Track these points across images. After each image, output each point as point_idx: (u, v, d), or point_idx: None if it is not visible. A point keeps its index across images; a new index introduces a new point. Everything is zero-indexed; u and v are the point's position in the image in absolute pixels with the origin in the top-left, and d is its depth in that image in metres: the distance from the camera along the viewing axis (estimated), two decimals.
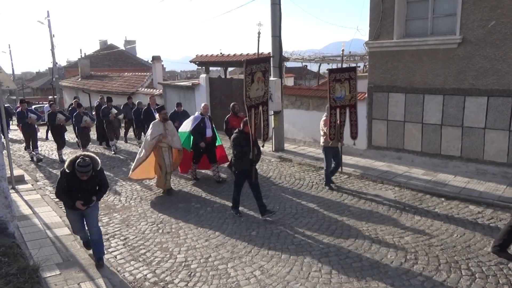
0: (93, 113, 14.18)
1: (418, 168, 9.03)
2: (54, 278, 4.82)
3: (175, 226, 6.62)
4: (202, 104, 9.01)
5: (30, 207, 7.37)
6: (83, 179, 4.88)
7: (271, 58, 10.59)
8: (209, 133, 8.72)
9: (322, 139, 8.11)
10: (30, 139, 11.37)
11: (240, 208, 7.25)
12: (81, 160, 4.79)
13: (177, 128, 9.02)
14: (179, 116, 9.94)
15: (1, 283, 2.53)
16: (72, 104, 15.56)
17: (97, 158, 5.09)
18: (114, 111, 12.48)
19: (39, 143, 12.30)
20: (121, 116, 12.97)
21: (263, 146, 7.61)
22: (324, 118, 8.10)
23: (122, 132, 14.09)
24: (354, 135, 8.46)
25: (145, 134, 12.14)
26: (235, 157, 6.83)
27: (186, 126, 8.78)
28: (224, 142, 9.91)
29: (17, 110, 11.06)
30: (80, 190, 5.00)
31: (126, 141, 14.15)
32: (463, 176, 8.33)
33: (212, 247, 5.81)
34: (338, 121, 8.03)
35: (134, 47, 39.63)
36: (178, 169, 9.04)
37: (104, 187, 5.34)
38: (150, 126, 8.13)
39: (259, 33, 14.04)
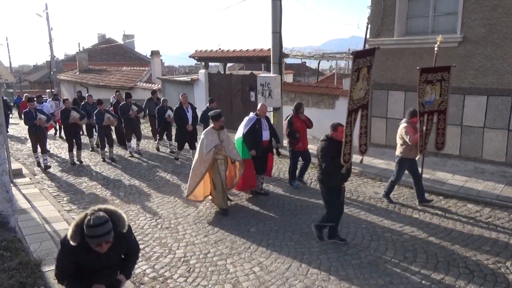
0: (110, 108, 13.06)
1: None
2: (52, 272, 4.81)
3: (174, 221, 6.62)
4: (260, 104, 7.73)
5: (29, 201, 7.36)
6: (101, 251, 2.98)
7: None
8: (266, 135, 7.43)
9: (399, 149, 7.00)
10: (38, 142, 9.95)
11: (239, 205, 7.25)
12: (93, 219, 2.88)
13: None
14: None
15: (4, 277, 2.52)
16: (75, 98, 14.73)
17: (119, 212, 3.19)
18: (135, 108, 11.17)
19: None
20: (141, 114, 11.60)
21: (361, 162, 6.53)
22: (404, 125, 6.94)
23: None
24: (440, 146, 7.29)
25: (168, 136, 11.59)
26: (322, 171, 5.47)
27: (240, 130, 7.50)
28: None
29: (25, 110, 9.81)
30: (97, 267, 3.14)
31: (156, 140, 12.27)
32: (461, 175, 8.36)
33: (211, 243, 5.81)
34: (424, 129, 6.88)
35: (133, 42, 39.42)
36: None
37: (133, 254, 3.51)
38: (202, 136, 6.87)
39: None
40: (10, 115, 17.67)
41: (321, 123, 8.40)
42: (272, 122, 11.16)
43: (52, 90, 26.43)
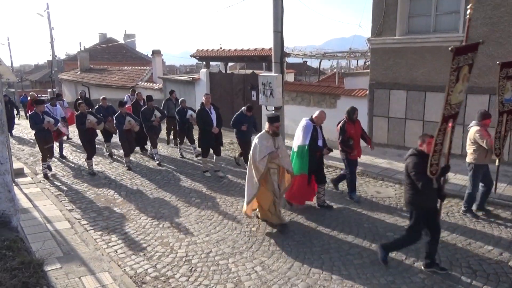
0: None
1: None
2: (55, 271, 4.83)
3: (176, 221, 6.61)
4: (318, 112, 6.82)
5: (30, 201, 7.37)
6: None
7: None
8: (320, 145, 6.81)
9: (472, 156, 6.34)
10: (48, 149, 9.06)
11: (240, 204, 7.25)
12: None
13: (244, 132, 8.61)
14: (247, 119, 8.94)
15: (6, 277, 2.52)
16: (78, 99, 13.80)
17: None
18: (158, 114, 10.13)
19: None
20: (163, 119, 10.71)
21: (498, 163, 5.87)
22: (477, 128, 6.31)
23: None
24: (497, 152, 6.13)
25: (190, 139, 10.64)
26: (415, 191, 4.73)
27: (299, 139, 6.69)
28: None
29: (30, 113, 9.02)
30: None
31: (168, 143, 12.22)
32: (463, 174, 8.31)
33: (213, 242, 5.81)
34: (503, 131, 6.04)
35: (134, 41, 39.48)
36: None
37: None
38: (255, 140, 6.09)
39: None
40: (17, 116, 17.21)
41: (323, 123, 8.36)
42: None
43: (54, 90, 26.50)
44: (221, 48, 15.49)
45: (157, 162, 9.99)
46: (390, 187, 7.98)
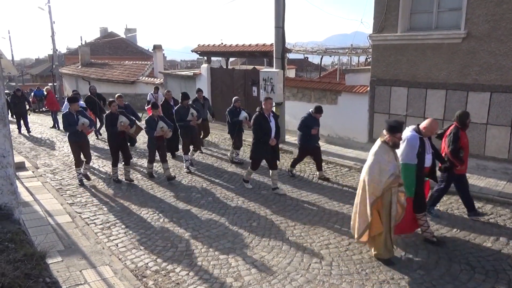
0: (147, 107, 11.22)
1: None
2: (56, 265, 4.86)
3: (176, 215, 6.64)
4: (429, 120, 5.51)
5: (31, 194, 7.40)
6: None
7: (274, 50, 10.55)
8: (429, 160, 5.44)
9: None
10: (82, 152, 8.15)
11: (241, 200, 7.28)
12: None
13: (313, 137, 7.95)
14: (317, 122, 8.25)
15: (9, 269, 2.54)
16: (89, 95, 12.18)
17: None
18: (195, 113, 8.91)
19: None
20: (199, 121, 9.34)
21: None
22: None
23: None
24: None
25: (237, 144, 9.46)
26: None
27: (401, 155, 5.23)
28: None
29: (64, 112, 8.08)
30: None
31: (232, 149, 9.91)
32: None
33: (213, 237, 5.83)
34: None
35: (135, 36, 39.39)
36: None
37: None
38: (374, 154, 4.92)
39: None
40: (29, 112, 15.73)
41: (323, 119, 8.37)
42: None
43: (55, 84, 26.49)
44: (222, 43, 15.47)
45: (186, 168, 8.95)
46: None
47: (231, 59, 20.59)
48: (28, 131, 14.19)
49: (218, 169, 9.16)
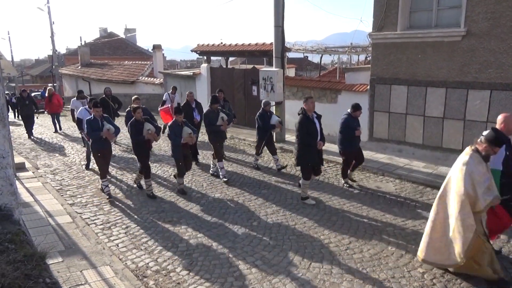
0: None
1: (419, 161, 9.04)
2: (56, 265, 4.86)
3: (177, 215, 6.64)
4: (504, 118, 4.86)
5: (32, 195, 7.40)
6: None
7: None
8: None
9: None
10: (106, 162, 7.56)
11: (241, 199, 7.28)
12: None
13: (356, 138, 7.37)
14: (357, 122, 7.63)
15: (9, 269, 2.54)
16: (104, 98, 11.13)
17: None
18: (225, 117, 8.23)
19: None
20: (230, 126, 8.84)
21: None
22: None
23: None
24: None
25: (272, 149, 8.85)
26: None
27: (491, 160, 4.53)
28: None
29: (88, 118, 7.37)
30: None
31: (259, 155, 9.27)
32: None
33: (214, 236, 5.83)
34: None
35: (134, 36, 39.37)
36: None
37: None
38: (465, 164, 4.36)
39: None
40: (36, 115, 14.65)
41: (323, 118, 8.33)
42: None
43: (54, 84, 26.49)
44: (222, 42, 15.46)
45: (224, 179, 8.20)
46: (390, 182, 7.99)
47: (230, 59, 20.57)
48: (29, 136, 13.49)
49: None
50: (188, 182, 8.31)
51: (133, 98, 9.34)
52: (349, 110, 7.52)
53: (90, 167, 9.33)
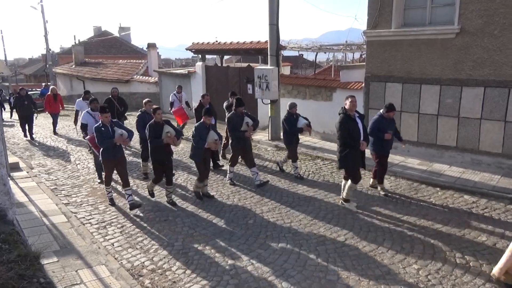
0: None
1: (414, 158, 9.08)
2: (51, 265, 4.83)
3: (172, 214, 6.63)
4: None
5: (26, 195, 7.35)
6: None
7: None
8: None
9: None
10: (117, 170, 6.92)
11: (237, 198, 7.27)
12: None
13: (388, 142, 6.83)
14: (390, 124, 7.08)
15: (3, 269, 2.53)
16: (109, 98, 10.42)
17: None
18: (250, 122, 7.60)
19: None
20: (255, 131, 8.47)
21: None
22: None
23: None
24: None
25: (293, 156, 8.28)
26: None
27: None
28: None
29: (97, 125, 6.71)
30: None
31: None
32: (458, 166, 8.40)
33: (209, 235, 5.83)
34: None
35: (129, 34, 39.20)
36: None
37: None
38: None
39: None
40: (35, 115, 13.55)
41: (318, 116, 8.35)
42: (269, 115, 11.20)
43: (48, 84, 26.31)
44: (216, 41, 15.42)
45: (229, 181, 7.98)
46: (385, 180, 7.99)
47: (225, 57, 20.52)
48: (31, 137, 12.84)
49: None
50: (183, 181, 8.29)
51: (144, 101, 8.39)
52: (381, 111, 7.01)
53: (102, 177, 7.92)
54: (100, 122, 6.68)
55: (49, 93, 13.99)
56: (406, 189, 7.48)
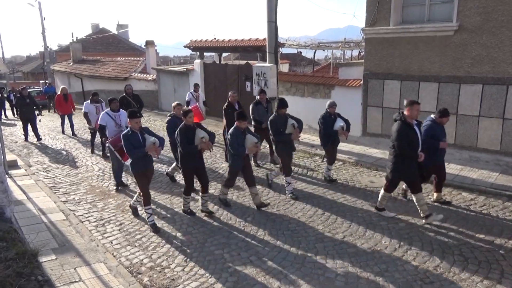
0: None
1: None
2: (50, 263, 4.83)
3: (171, 211, 6.62)
4: None
5: (24, 193, 7.34)
6: None
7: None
8: None
9: None
10: (148, 183, 6.20)
11: (235, 195, 7.27)
12: None
13: (442, 152, 6.26)
14: (442, 131, 6.40)
15: (1, 267, 2.52)
16: (123, 96, 9.97)
17: None
18: (296, 124, 6.98)
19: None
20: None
21: None
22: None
23: None
24: None
25: (330, 159, 7.75)
26: None
27: None
28: None
29: (125, 132, 5.82)
30: None
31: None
32: (456, 164, 8.41)
33: (208, 232, 5.83)
34: None
35: (127, 32, 39.12)
36: None
37: None
38: None
39: None
40: (39, 117, 12.63)
41: (317, 113, 8.31)
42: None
43: (46, 81, 26.23)
44: (215, 38, 15.38)
45: (290, 194, 7.08)
46: (383, 177, 7.99)
47: (224, 55, 20.50)
48: (38, 139, 12.05)
49: (211, 165, 9.14)
50: (181, 179, 8.26)
51: (173, 104, 7.70)
52: (432, 116, 6.36)
53: (120, 184, 7.80)
54: (129, 128, 5.78)
55: (59, 93, 13.14)
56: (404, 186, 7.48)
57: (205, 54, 16.11)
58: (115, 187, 7.73)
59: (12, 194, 6.00)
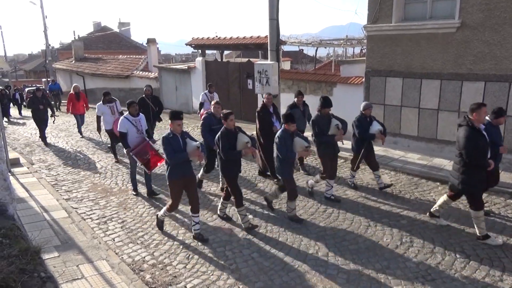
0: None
1: (414, 153, 9.08)
2: (52, 260, 4.86)
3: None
4: None
5: (27, 190, 7.37)
6: None
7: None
8: None
9: None
10: (188, 193, 5.59)
11: None
12: None
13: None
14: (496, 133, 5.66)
15: (4, 264, 2.54)
16: (143, 97, 9.42)
17: None
18: (340, 125, 6.50)
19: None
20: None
21: None
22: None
23: None
24: None
25: (373, 165, 7.13)
26: None
27: None
28: None
29: (166, 136, 5.32)
30: None
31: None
32: None
33: (210, 229, 5.84)
34: None
35: (129, 30, 39.07)
36: None
37: None
38: None
39: None
40: (54, 118, 12.36)
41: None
42: None
43: (48, 79, 26.29)
44: (216, 36, 15.37)
45: (330, 196, 6.80)
46: (385, 174, 8.02)
47: (225, 52, 20.48)
48: (45, 142, 11.48)
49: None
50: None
51: (212, 103, 7.38)
52: (487, 118, 5.57)
53: (151, 194, 7.31)
54: (170, 131, 5.36)
55: (71, 92, 12.35)
56: (406, 184, 7.49)
57: (207, 52, 16.09)
58: (134, 193, 7.38)
59: (14, 192, 6.04)
